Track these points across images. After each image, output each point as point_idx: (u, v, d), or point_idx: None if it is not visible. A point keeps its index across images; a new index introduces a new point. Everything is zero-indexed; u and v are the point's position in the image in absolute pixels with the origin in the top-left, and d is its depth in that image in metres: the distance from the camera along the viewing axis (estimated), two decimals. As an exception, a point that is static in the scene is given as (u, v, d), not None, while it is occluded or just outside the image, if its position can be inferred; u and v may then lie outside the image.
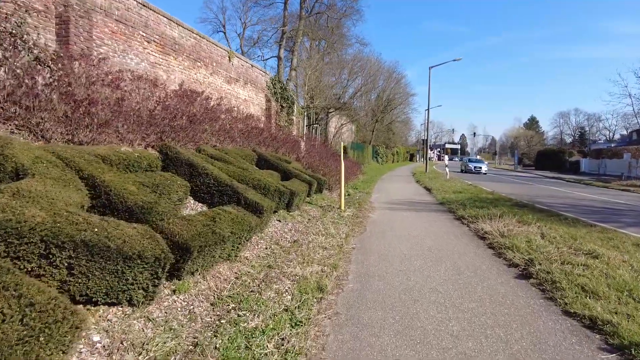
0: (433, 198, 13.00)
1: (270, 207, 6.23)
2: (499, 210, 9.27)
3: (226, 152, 8.81)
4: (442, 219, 8.99)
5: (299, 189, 8.66)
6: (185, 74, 10.94)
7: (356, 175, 19.52)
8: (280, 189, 7.54)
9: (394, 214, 9.65)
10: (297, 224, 7.62)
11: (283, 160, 11.69)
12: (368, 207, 10.66)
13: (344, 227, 7.79)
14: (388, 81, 44.19)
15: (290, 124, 19.38)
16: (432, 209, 10.64)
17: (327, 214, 8.97)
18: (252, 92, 15.22)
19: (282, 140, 13.54)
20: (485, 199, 11.79)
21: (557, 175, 35.39)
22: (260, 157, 10.66)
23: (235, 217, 4.93)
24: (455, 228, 7.88)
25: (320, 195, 11.26)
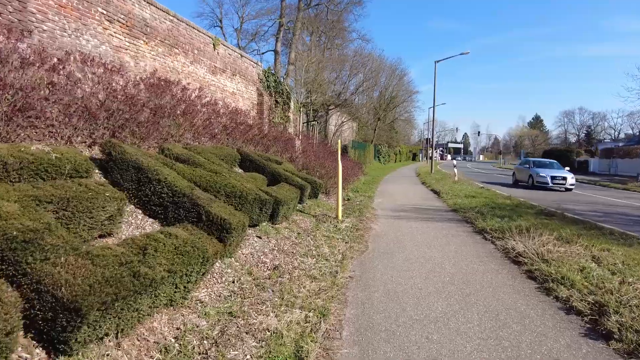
0: (443, 203, 11.52)
1: (242, 223, 4.76)
2: (525, 220, 7.80)
3: (200, 151, 7.36)
4: (459, 232, 7.50)
5: (288, 195, 7.21)
6: (159, 61, 9.48)
7: (357, 176, 18.05)
8: (261, 198, 6.08)
9: (400, 225, 8.18)
10: (283, 241, 6.16)
11: (273, 160, 10.24)
12: (370, 215, 9.19)
13: (341, 245, 6.33)
14: (391, 78, 42.67)
15: (286, 122, 17.91)
16: (444, 217, 9.16)
17: (321, 226, 7.51)
18: (241, 84, 13.76)
19: (274, 138, 12.08)
20: (503, 206, 10.30)
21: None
22: (244, 157, 9.21)
23: (180, 245, 3.48)
24: (478, 246, 6.40)
25: (315, 201, 9.79)
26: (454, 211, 10.00)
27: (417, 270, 5.04)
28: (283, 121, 17.92)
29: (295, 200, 7.72)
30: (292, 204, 7.52)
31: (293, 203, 7.57)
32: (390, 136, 49.27)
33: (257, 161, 9.16)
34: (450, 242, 6.67)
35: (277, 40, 25.88)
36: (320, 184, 10.05)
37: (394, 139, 51.21)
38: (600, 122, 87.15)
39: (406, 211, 10.09)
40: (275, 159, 10.45)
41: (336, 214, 8.10)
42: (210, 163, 6.65)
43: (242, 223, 4.74)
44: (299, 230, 6.98)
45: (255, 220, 6.18)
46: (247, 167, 9.25)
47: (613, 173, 38.38)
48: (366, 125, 42.94)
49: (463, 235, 7.21)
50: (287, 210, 7.17)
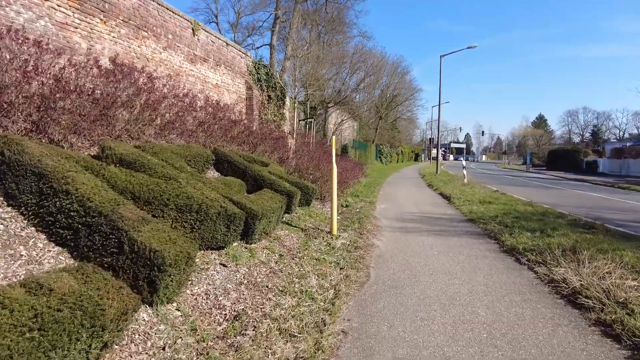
0: (457, 211, 10.00)
1: (184, 255, 3.27)
2: (564, 236, 6.30)
3: (157, 151, 5.88)
4: (483, 251, 6.00)
5: (269, 206, 5.73)
6: (121, 45, 8.01)
7: (357, 178, 16.55)
8: (228, 211, 4.61)
9: (409, 241, 6.68)
10: (257, 269, 4.68)
11: (258, 162, 8.76)
12: (372, 227, 7.70)
13: (334, 272, 4.84)
14: (392, 76, 41.13)
15: (281, 119, 16.43)
16: (461, 230, 7.65)
17: (311, 244, 6.01)
18: (226, 76, 12.28)
19: (262, 136, 10.59)
20: (528, 214, 8.79)
21: (577, 176, 32.25)
22: (221, 158, 7.73)
23: (51, 309, 2.02)
24: (513, 274, 4.90)
25: (307, 209, 8.31)
26: (470, 221, 8.48)
27: (440, 320, 3.54)
28: (277, 119, 16.44)
29: (279, 211, 6.24)
30: (275, 215, 6.04)
31: (276, 215, 6.09)
32: (392, 136, 47.74)
33: (236, 163, 7.68)
34: (476, 267, 5.17)
35: (273, 33, 24.35)
36: (313, 189, 8.56)
37: (396, 139, 49.68)
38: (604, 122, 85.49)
39: (414, 221, 8.59)
40: (261, 160, 8.97)
41: (330, 228, 6.60)
42: (164, 167, 5.16)
43: (183, 255, 3.24)
44: (281, 251, 5.49)
45: (220, 240, 4.70)
46: (225, 169, 7.78)
47: (625, 174, 36.79)
48: (367, 125, 41.42)
49: (490, 256, 5.70)
50: (267, 224, 5.69)
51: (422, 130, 78.66)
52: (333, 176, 6.50)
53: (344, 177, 12.44)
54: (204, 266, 4.32)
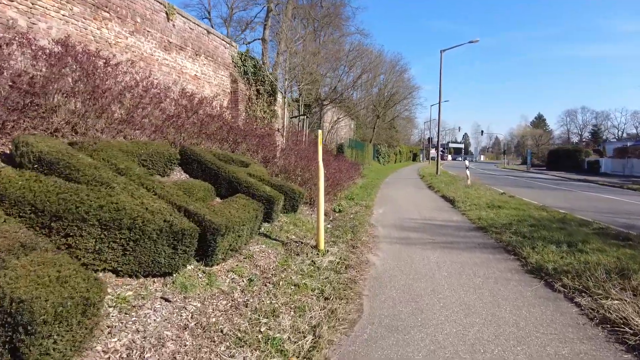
0: (463, 217, 8.89)
1: (75, 303, 2.13)
2: (597, 249, 5.22)
3: (99, 148, 4.74)
4: (504, 272, 4.88)
5: (239, 216, 4.62)
6: (75, 25, 6.86)
7: (353, 179, 15.44)
8: (174, 227, 3.52)
9: (412, 257, 5.56)
10: (213, 303, 3.56)
11: (237, 162, 7.65)
12: (367, 238, 6.58)
13: (315, 307, 3.71)
14: (390, 74, 40.08)
15: (272, 116, 15.29)
16: (472, 241, 6.54)
17: (292, 262, 4.89)
18: (208, 67, 11.13)
19: (245, 133, 9.46)
20: (545, 221, 7.69)
21: (580, 177, 31.28)
22: (189, 157, 6.60)
23: None
24: (549, 308, 3.77)
25: (292, 216, 7.18)
26: (481, 230, 7.38)
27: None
28: (268, 116, 15.30)
29: (253, 221, 5.11)
30: (248, 228, 4.91)
31: (249, 227, 4.95)
32: (390, 135, 46.67)
33: (207, 163, 6.55)
34: (498, 295, 4.05)
35: (266, 27, 23.22)
36: (300, 193, 7.43)
37: (394, 138, 48.62)
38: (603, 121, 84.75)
39: (416, 229, 7.47)
40: (240, 159, 7.84)
41: (316, 242, 5.47)
42: (99, 169, 4.02)
43: (75, 303, 2.12)
44: (252, 274, 4.36)
45: (166, 265, 3.58)
46: (194, 171, 6.65)
47: (628, 174, 35.86)
48: (365, 124, 40.33)
49: (513, 279, 4.58)
50: (235, 239, 4.56)
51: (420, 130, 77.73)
52: (320, 179, 5.37)
53: (338, 178, 11.33)
54: (138, 302, 3.20)
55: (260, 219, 5.57)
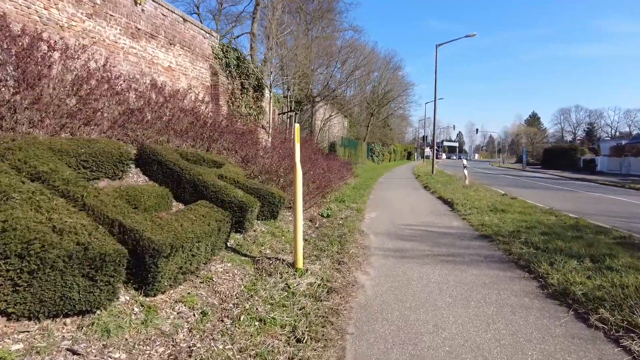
0: (464, 222, 8.03)
1: None
2: (628, 265, 4.37)
3: (16, 147, 3.78)
4: (521, 299, 4.00)
5: (192, 230, 3.73)
6: (15, 3, 5.88)
7: (345, 180, 14.54)
8: (90, 251, 2.58)
9: (408, 276, 4.66)
10: (142, 352, 2.63)
11: (209, 162, 6.72)
12: (356, 250, 5.68)
13: (282, 355, 2.79)
14: (384, 70, 39.24)
15: (259, 113, 14.34)
16: (477, 253, 5.66)
17: (261, 287, 3.97)
18: (184, 58, 10.16)
19: (223, 130, 8.52)
20: (557, 229, 6.85)
21: (578, 175, 30.67)
22: (148, 157, 5.66)
23: None
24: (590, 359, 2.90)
25: (272, 224, 6.27)
26: (486, 239, 6.50)
27: None
28: (254, 112, 14.35)
29: (215, 235, 4.18)
30: (207, 243, 3.99)
31: (209, 242, 4.03)
32: (384, 133, 45.87)
33: (168, 164, 5.60)
34: (519, 334, 3.16)
35: (254, 20, 22.21)
36: (280, 198, 6.51)
37: (388, 137, 47.84)
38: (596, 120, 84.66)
39: (413, 238, 6.58)
40: (212, 159, 6.90)
41: (294, 258, 4.54)
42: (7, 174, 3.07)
43: None
44: (207, 305, 3.44)
45: (81, 301, 2.71)
46: (154, 173, 5.70)
47: (625, 173, 35.39)
48: (358, 122, 39.47)
49: (533, 307, 3.70)
50: (188, 260, 3.65)
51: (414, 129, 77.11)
52: (296, 184, 4.44)
53: (328, 178, 10.42)
54: (29, 359, 2.27)
55: (227, 231, 4.65)
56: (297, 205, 4.38)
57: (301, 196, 4.41)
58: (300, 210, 4.40)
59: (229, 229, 4.72)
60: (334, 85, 25.37)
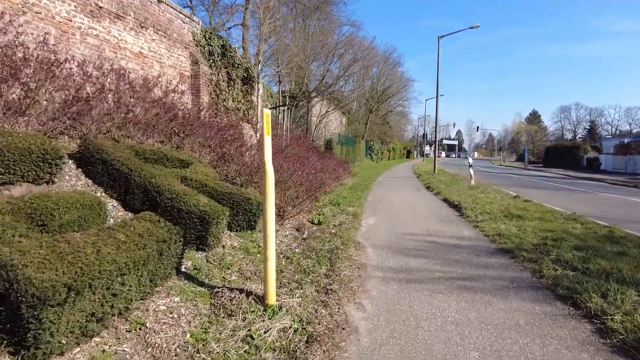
0: (476, 230, 6.92)
1: None
2: None
3: None
4: (575, 352, 2.88)
5: (112, 261, 2.55)
6: None
7: (341, 179, 13.41)
8: None
9: (417, 313, 3.55)
10: None
11: (174, 160, 5.61)
12: (350, 270, 4.56)
13: None
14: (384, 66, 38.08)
15: (249, 108, 13.20)
16: (500, 276, 4.55)
17: (212, 337, 2.83)
18: (158, 44, 9.00)
19: (199, 124, 7.39)
20: (590, 240, 5.75)
21: (584, 174, 29.63)
22: (92, 155, 4.52)
23: None
24: None
25: (247, 236, 5.16)
26: (506, 253, 5.39)
27: None
28: (243, 107, 13.21)
29: (155, 262, 3.08)
30: (138, 276, 2.87)
31: (141, 273, 2.91)
32: (383, 131, 44.73)
33: (114, 163, 4.47)
34: None
35: (246, 10, 21.01)
36: (259, 204, 5.37)
37: (387, 134, 46.70)
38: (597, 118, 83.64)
39: (419, 253, 5.46)
40: (179, 157, 5.78)
41: (264, 289, 3.40)
42: None
43: None
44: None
45: None
46: (99, 174, 4.60)
47: (631, 172, 34.37)
48: (357, 119, 38.30)
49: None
50: (108, 301, 2.53)
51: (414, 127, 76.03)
52: (266, 189, 3.26)
53: (320, 180, 9.30)
54: None
55: (178, 252, 3.53)
56: (267, 221, 3.24)
57: (273, 208, 3.28)
58: (272, 226, 3.27)
59: (181, 249, 3.60)
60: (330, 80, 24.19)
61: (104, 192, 4.61)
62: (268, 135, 3.18)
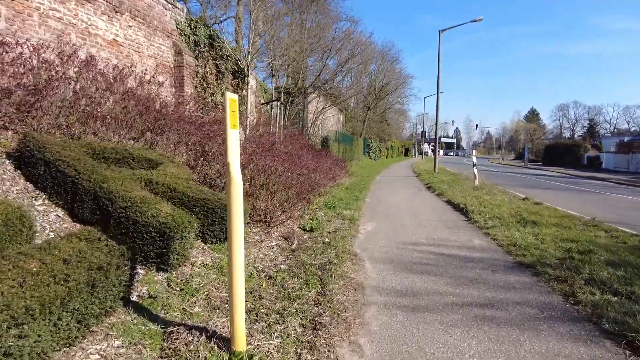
0: (488, 239, 6.16)
1: None
2: None
3: None
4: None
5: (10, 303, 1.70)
6: None
7: (337, 179, 12.63)
8: None
9: (430, 356, 2.77)
10: None
11: (140, 160, 4.80)
12: (344, 294, 3.79)
13: None
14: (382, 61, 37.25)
15: (242, 103, 12.38)
16: (525, 302, 3.79)
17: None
18: (136, 31, 8.18)
19: (177, 119, 6.58)
20: (622, 252, 4.99)
21: (586, 173, 28.99)
22: (31, 154, 3.70)
23: None
24: None
25: (224, 250, 4.37)
26: (527, 268, 4.63)
27: None
28: (233, 102, 12.35)
29: (84, 298, 2.35)
30: (52, 320, 2.05)
31: (59, 316, 2.10)
32: (381, 129, 43.95)
33: (59, 164, 3.67)
34: None
35: (239, 3, 20.19)
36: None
37: (385, 132, 45.93)
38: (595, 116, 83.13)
39: (426, 270, 4.69)
40: (147, 156, 4.98)
41: (230, 331, 2.60)
42: None
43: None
44: None
45: None
46: (41, 177, 3.78)
47: (634, 170, 33.79)
48: (354, 116, 37.49)
49: None
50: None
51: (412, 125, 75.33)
52: (230, 199, 2.45)
53: (313, 181, 8.51)
54: None
55: (122, 280, 2.74)
56: (233, 245, 2.44)
57: (240, 226, 2.48)
58: (238, 249, 2.47)
59: (129, 274, 2.81)
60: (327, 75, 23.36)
61: (47, 199, 3.81)
62: (233, 129, 2.38)
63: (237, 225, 2.43)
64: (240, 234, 2.47)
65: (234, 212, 2.43)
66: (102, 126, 5.56)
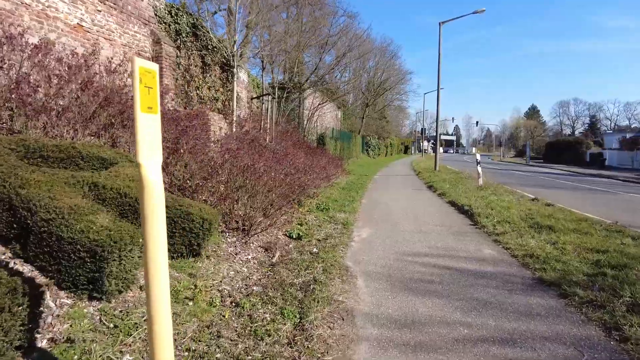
0: (499, 248, 5.40)
1: None
2: None
3: None
4: None
5: None
6: None
7: (331, 179, 11.85)
8: None
9: None
10: None
11: (91, 159, 3.99)
12: (329, 326, 3.01)
13: None
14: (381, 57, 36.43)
15: (230, 99, 11.60)
16: (559, 341, 3.03)
17: None
18: (106, 16, 7.38)
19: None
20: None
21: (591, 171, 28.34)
22: None
23: None
24: None
25: (186, 267, 3.58)
26: (550, 288, 3.87)
27: None
28: (222, 96, 11.63)
29: None
30: None
31: None
32: (380, 126, 43.14)
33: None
34: None
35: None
36: (204, 221, 3.80)
37: (384, 129, 45.11)
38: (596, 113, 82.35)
39: (429, 289, 3.92)
40: (99, 155, 4.20)
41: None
42: None
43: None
44: None
45: None
46: None
47: (638, 167, 33.08)
48: (353, 113, 36.67)
49: None
50: None
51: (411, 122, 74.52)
52: (145, 212, 1.70)
53: (302, 181, 7.74)
54: None
55: (15, 325, 1.97)
56: (151, 281, 1.67)
57: (164, 257, 1.70)
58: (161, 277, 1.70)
59: (36, 311, 2.05)
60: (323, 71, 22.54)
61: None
62: (147, 113, 1.61)
63: (155, 254, 1.66)
64: (162, 267, 1.69)
65: (150, 236, 1.65)
66: (59, 120, 4.81)
